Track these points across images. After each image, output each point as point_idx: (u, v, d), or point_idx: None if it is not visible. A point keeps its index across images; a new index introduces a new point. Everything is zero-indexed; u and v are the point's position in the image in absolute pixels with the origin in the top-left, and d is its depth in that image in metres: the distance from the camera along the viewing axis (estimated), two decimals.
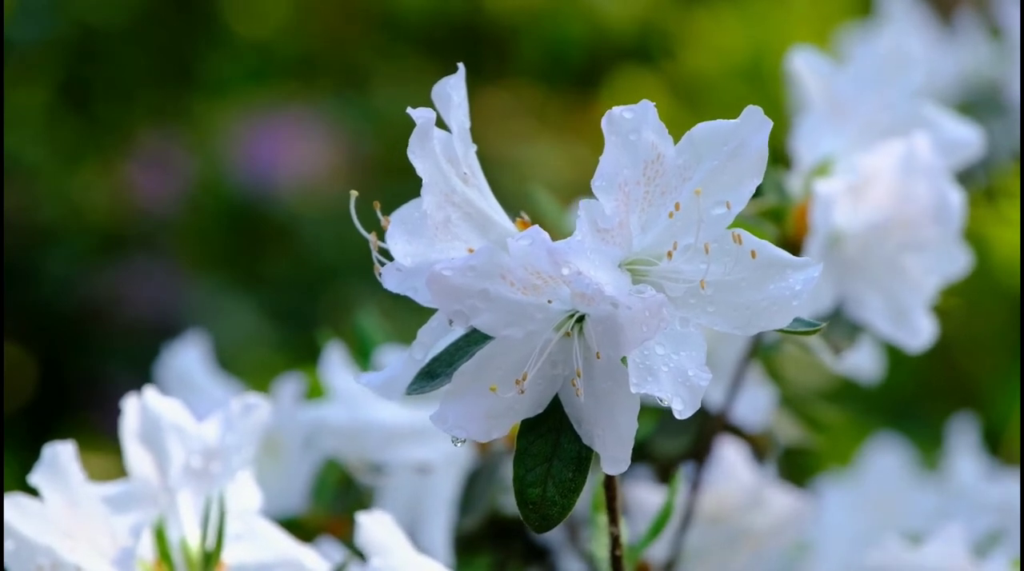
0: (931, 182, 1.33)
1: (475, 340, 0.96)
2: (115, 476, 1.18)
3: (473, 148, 0.99)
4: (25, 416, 3.13)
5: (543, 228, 0.92)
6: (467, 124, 0.98)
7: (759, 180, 0.96)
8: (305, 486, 1.54)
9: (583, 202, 0.93)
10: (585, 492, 0.99)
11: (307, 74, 3.56)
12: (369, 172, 3.40)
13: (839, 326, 1.36)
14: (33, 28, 3.29)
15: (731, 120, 0.95)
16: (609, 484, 1.03)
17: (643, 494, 1.46)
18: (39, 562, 1.10)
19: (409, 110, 0.95)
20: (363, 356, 1.51)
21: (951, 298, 1.40)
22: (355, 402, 1.44)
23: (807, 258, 0.96)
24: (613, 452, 0.95)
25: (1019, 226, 2.20)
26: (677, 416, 0.93)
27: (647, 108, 0.94)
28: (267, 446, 1.50)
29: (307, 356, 1.72)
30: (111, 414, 1.19)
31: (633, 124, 0.94)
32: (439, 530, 1.44)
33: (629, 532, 1.25)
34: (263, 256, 3.40)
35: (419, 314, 0.97)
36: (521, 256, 0.91)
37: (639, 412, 0.95)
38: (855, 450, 2.08)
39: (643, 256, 0.96)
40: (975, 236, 1.47)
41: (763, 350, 1.51)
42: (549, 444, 0.97)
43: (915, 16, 2.08)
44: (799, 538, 1.57)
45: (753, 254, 0.96)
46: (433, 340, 0.98)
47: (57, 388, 3.22)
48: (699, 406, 0.93)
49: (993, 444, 2.30)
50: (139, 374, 1.76)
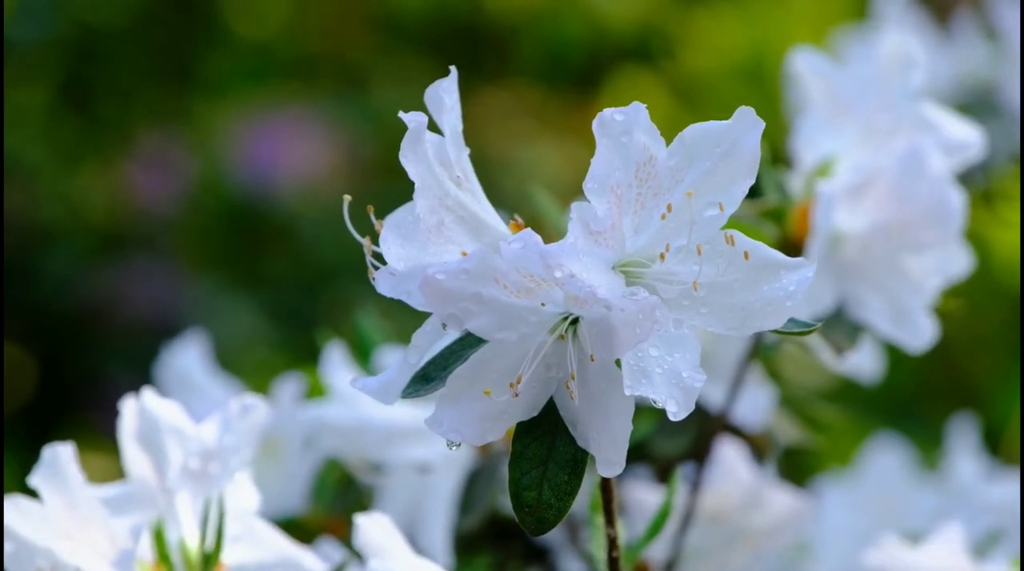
0: (932, 183, 1.33)
1: (469, 344, 0.96)
2: (115, 476, 1.18)
3: (466, 151, 0.98)
4: (25, 416, 3.13)
5: (542, 228, 0.92)
6: (459, 127, 0.98)
7: (752, 181, 0.95)
8: (305, 486, 1.54)
9: (575, 204, 0.93)
10: (584, 492, 0.99)
11: (307, 74, 3.56)
12: (369, 172, 3.40)
13: (840, 326, 1.36)
14: (33, 28, 3.29)
15: (723, 121, 0.95)
16: (606, 486, 1.03)
17: (642, 494, 1.46)
18: (38, 564, 1.10)
19: (401, 114, 0.95)
20: (363, 356, 1.51)
21: (952, 299, 1.39)
22: (355, 402, 1.44)
23: (800, 259, 0.95)
24: (608, 454, 0.95)
25: (1019, 227, 2.20)
26: (671, 418, 0.92)
27: (638, 110, 0.93)
28: (267, 446, 1.50)
29: (307, 356, 1.71)
30: (111, 414, 1.19)
31: (624, 126, 0.93)
32: (439, 530, 1.44)
33: (628, 532, 1.25)
34: (263, 256, 3.40)
35: (418, 315, 0.97)
36: (514, 259, 0.90)
37: (639, 413, 0.94)
38: (855, 450, 2.08)
39: (636, 258, 0.96)
40: (975, 237, 1.47)
41: (763, 350, 1.51)
42: (544, 447, 0.97)
43: (911, 18, 2.08)
44: (799, 538, 1.56)
45: (746, 255, 0.95)
46: (427, 344, 0.97)
47: (57, 388, 3.21)
48: (693, 408, 0.93)
49: (993, 444, 2.30)
50: (139, 374, 1.76)
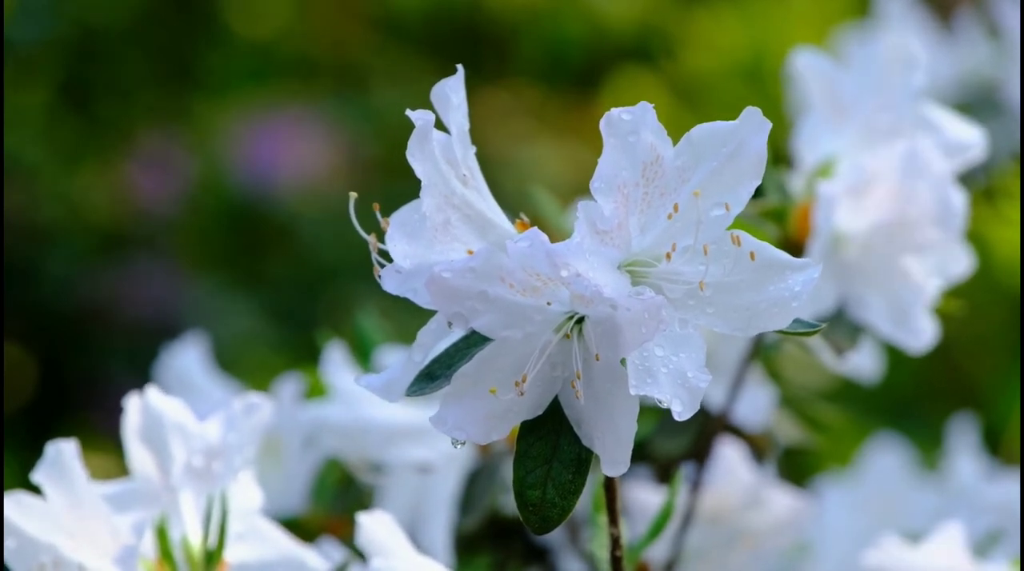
0: (933, 184, 1.33)
1: (474, 342, 0.96)
2: (115, 476, 1.18)
3: (472, 150, 0.99)
4: (25, 416, 3.13)
5: (543, 229, 0.92)
6: (466, 126, 0.98)
7: (758, 181, 0.95)
8: (305, 486, 1.54)
9: (582, 203, 0.93)
10: (585, 492, 0.99)
11: (307, 74, 3.56)
12: (369, 172, 3.40)
13: (841, 327, 1.36)
14: (33, 28, 3.29)
15: (730, 121, 0.95)
16: (609, 485, 1.03)
17: (643, 494, 1.46)
18: (41, 560, 1.10)
19: (408, 112, 0.95)
20: (363, 356, 1.51)
21: (953, 300, 1.39)
22: (355, 401, 1.44)
23: (806, 259, 0.95)
24: (613, 454, 0.95)
25: (1019, 226, 2.20)
26: (676, 418, 0.93)
27: (646, 109, 0.94)
28: (267, 446, 1.49)
29: (307, 356, 1.72)
30: (111, 414, 1.19)
31: (632, 126, 0.93)
32: (439, 530, 1.44)
33: (629, 532, 1.25)
34: (263, 256, 3.40)
35: (419, 314, 0.97)
36: (520, 258, 0.91)
37: (639, 412, 0.95)
38: (855, 450, 2.08)
39: (642, 258, 0.96)
40: (975, 236, 1.47)
41: (764, 350, 1.51)
42: (549, 446, 0.97)
43: (913, 16, 2.08)
44: (799, 538, 1.56)
45: (752, 255, 0.95)
46: (432, 342, 0.98)
47: (57, 388, 3.21)
48: (698, 408, 0.93)
49: (993, 444, 2.30)
50: (139, 374, 1.76)
